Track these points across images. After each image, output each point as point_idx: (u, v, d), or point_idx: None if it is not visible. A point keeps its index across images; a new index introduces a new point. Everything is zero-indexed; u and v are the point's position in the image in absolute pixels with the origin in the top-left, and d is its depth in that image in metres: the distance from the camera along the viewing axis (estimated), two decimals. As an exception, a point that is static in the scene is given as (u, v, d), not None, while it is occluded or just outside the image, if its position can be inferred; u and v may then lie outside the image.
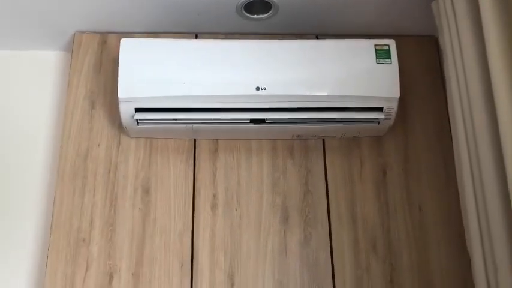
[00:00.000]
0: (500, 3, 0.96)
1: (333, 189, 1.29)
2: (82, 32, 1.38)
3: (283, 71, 1.20)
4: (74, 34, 1.38)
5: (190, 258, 1.22)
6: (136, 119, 1.20)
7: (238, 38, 1.35)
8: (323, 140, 1.33)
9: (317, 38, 1.40)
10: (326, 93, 1.20)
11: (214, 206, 1.27)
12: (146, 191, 1.27)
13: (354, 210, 1.27)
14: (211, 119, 1.21)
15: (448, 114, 1.30)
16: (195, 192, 1.28)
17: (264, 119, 1.22)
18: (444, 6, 1.13)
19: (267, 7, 1.29)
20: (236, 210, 1.26)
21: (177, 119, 1.21)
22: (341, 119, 1.22)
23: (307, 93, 1.20)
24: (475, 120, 1.01)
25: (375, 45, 1.22)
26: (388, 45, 1.22)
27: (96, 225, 1.24)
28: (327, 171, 1.31)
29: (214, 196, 1.27)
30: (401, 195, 1.29)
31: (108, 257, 1.22)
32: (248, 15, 1.32)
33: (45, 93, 1.41)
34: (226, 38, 1.38)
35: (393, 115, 1.24)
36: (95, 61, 1.36)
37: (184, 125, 1.24)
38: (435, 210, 1.28)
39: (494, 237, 0.94)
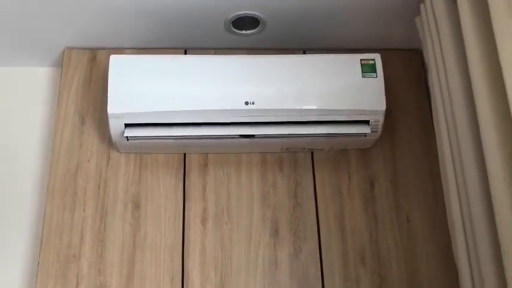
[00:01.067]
0: (480, 18, 0.98)
1: (322, 202, 1.30)
2: (72, 48, 1.38)
3: (271, 86, 1.21)
4: (64, 50, 1.38)
5: (181, 273, 1.22)
6: (126, 136, 1.20)
7: (227, 53, 1.32)
8: (312, 152, 1.34)
9: (304, 52, 1.41)
10: (314, 107, 1.21)
11: (204, 220, 1.27)
12: (136, 206, 1.27)
13: (343, 222, 1.28)
14: (200, 135, 1.21)
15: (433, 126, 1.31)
16: (185, 207, 1.28)
17: (253, 135, 1.22)
18: (427, 21, 1.15)
19: (255, 23, 1.31)
20: (226, 224, 1.27)
21: (166, 136, 1.21)
22: (328, 133, 1.23)
23: (296, 107, 1.21)
24: (459, 132, 1.02)
25: (361, 60, 1.23)
26: (374, 60, 1.24)
27: (86, 240, 1.23)
28: (316, 184, 1.31)
29: (204, 210, 1.27)
30: (389, 207, 1.30)
31: (99, 272, 1.21)
32: (236, 30, 1.33)
33: (35, 109, 1.41)
34: (215, 53, 1.39)
35: (380, 128, 1.25)
36: (85, 77, 1.37)
37: (173, 140, 1.24)
38: (423, 221, 1.29)
39: (480, 251, 0.94)
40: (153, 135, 1.20)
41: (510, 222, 0.86)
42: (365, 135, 1.26)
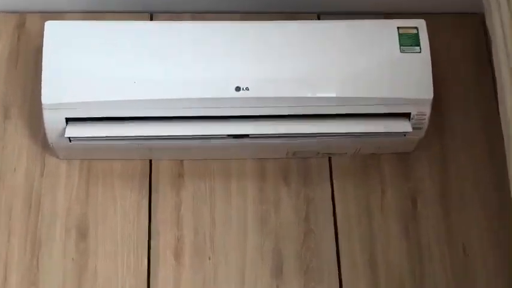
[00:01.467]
0: None
1: (344, 227, 1.30)
2: (-9, 12, 1.39)
3: (273, 65, 1.21)
4: (-20, 14, 1.38)
5: (146, 328, 1.23)
6: (68, 137, 1.20)
7: (211, 19, 1.35)
8: (329, 158, 1.34)
9: (319, 18, 1.42)
10: (332, 95, 1.22)
11: (178, 254, 1.26)
12: (82, 233, 1.26)
13: (374, 254, 1.28)
14: (172, 136, 1.21)
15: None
16: (152, 235, 1.27)
17: (247, 134, 1.23)
18: None
19: (249, -24, 1.32)
20: (210, 259, 1.26)
21: (124, 136, 1.21)
22: (352, 132, 1.24)
23: (306, 95, 1.21)
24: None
25: (398, 28, 1.24)
26: (417, 28, 1.24)
27: (11, 281, 1.22)
28: (336, 202, 1.32)
29: (179, 239, 1.27)
30: (439, 233, 1.30)
31: (29, 328, 1.21)
32: (223, -13, 1.33)
33: None
34: (193, 19, 1.39)
35: (425, 123, 1.25)
36: (10, 52, 1.36)
37: (135, 141, 1.23)
38: (484, 252, 1.29)
39: None
40: (105, 134, 1.20)
41: None
42: (404, 134, 1.26)
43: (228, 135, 1.22)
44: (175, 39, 1.22)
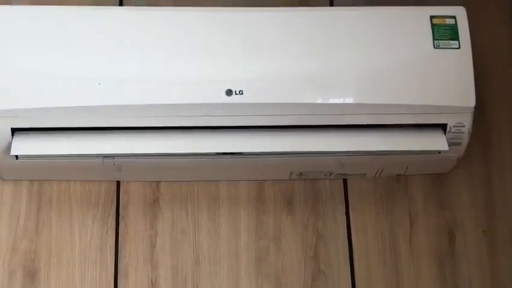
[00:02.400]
0: None
1: (363, 267, 1.30)
2: None
3: (273, 63, 1.21)
4: None
5: None
6: (16, 155, 1.20)
7: (195, 5, 1.32)
8: (344, 180, 1.35)
9: (331, 4, 1.44)
10: (349, 101, 1.22)
11: (153, 301, 1.22)
12: (31, 275, 1.26)
13: (400, 302, 1.28)
14: (145, 153, 1.21)
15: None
16: (119, 276, 1.27)
17: (240, 152, 1.23)
18: None
19: (245, -49, 1.30)
20: (193, 307, 1.23)
21: (86, 154, 1.20)
22: (373, 150, 1.24)
23: (316, 101, 1.21)
24: None
25: (431, 18, 1.24)
26: (454, 17, 1.24)
27: None
28: (352, 235, 1.31)
29: (153, 283, 1.27)
30: (482, 276, 1.30)
31: None
32: (212, -36, 1.30)
33: None
34: (174, 5, 1.40)
35: (465, 138, 1.24)
36: None
37: (99, 158, 1.23)
38: (539, 301, 1.26)
39: None
40: (62, 152, 1.20)
41: None
42: (439, 152, 1.25)
43: (217, 153, 1.23)
44: (151, 30, 1.22)
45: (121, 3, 1.41)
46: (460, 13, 1.24)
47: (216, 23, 1.23)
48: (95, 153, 1.20)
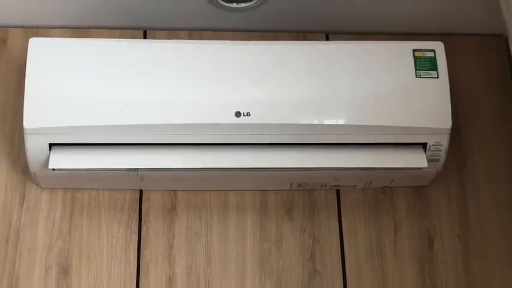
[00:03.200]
0: None
1: (353, 268, 1.30)
2: (-30, 27, 1.39)
3: (276, 89, 1.22)
4: (-44, 30, 1.38)
5: None
6: (53, 168, 1.20)
7: (209, 38, 1.38)
8: (338, 191, 1.35)
9: (327, 38, 1.43)
10: (340, 122, 1.22)
11: (170, 295, 1.24)
12: (64, 271, 1.26)
13: (386, 299, 1.29)
14: (164, 168, 1.22)
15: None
16: (141, 273, 1.27)
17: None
18: None
19: (252, -8, 1.33)
20: (205, 300, 1.24)
21: (113, 168, 1.21)
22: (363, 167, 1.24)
23: (313, 122, 1.22)
24: None
25: (414, 51, 1.25)
26: (434, 51, 1.25)
27: None
28: (344, 240, 1.32)
29: (171, 279, 1.27)
30: (457, 278, 1.30)
31: None
32: (224, 3, 1.34)
33: None
34: (190, 37, 1.41)
35: (442, 155, 1.25)
36: (-11, 70, 1.37)
37: (125, 171, 1.24)
38: (511, 299, 1.28)
39: None
40: (93, 166, 1.21)
41: None
42: (420, 168, 1.26)
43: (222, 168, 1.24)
44: (171, 59, 1.23)
45: (145, 37, 1.42)
46: (438, 47, 1.25)
47: (227, 55, 1.24)
48: (121, 167, 1.21)
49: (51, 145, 1.19)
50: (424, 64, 1.24)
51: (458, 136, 1.35)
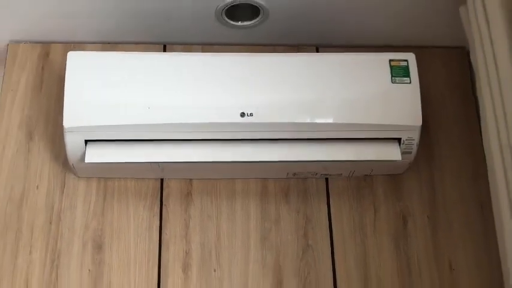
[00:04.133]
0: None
1: (339, 243, 1.31)
2: (18, 42, 1.40)
3: (275, 93, 1.23)
4: (8, 45, 1.40)
5: (155, 335, 1.23)
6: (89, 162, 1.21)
7: (218, 51, 1.39)
8: (326, 179, 1.35)
9: (317, 50, 1.44)
10: (329, 121, 1.23)
11: (186, 267, 1.27)
12: (98, 246, 1.27)
13: (367, 269, 1.29)
14: (181, 161, 1.22)
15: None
16: (162, 248, 1.28)
17: None
18: (475, 11, 1.15)
19: (254, 12, 1.32)
20: (215, 271, 1.27)
21: (138, 162, 1.22)
22: (348, 160, 1.24)
23: (306, 121, 1.22)
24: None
25: (390, 61, 1.25)
26: (407, 61, 1.26)
27: None
28: (332, 220, 1.32)
29: (187, 253, 1.28)
30: (427, 250, 1.31)
31: (49, 334, 1.22)
32: (231, 21, 1.34)
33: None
34: (202, 50, 1.41)
35: (414, 148, 1.26)
36: (34, 79, 1.38)
37: (148, 163, 1.25)
38: (470, 268, 1.29)
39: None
40: (122, 160, 1.21)
41: None
42: (395, 160, 1.26)
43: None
44: (186, 69, 1.23)
45: (164, 50, 1.41)
46: (410, 58, 1.26)
47: (233, 65, 1.24)
48: (145, 161, 1.22)
49: (86, 141, 1.21)
50: (399, 72, 1.25)
51: (427, 132, 1.35)
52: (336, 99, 1.23)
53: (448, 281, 1.29)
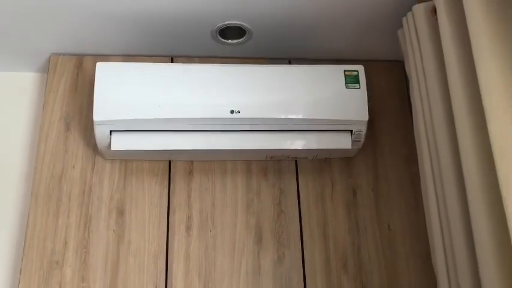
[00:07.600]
0: (459, 31, 1.00)
1: (305, 210, 1.31)
2: (58, 55, 1.38)
3: (257, 95, 1.22)
4: (50, 56, 1.38)
5: (164, 280, 1.22)
6: (114, 149, 1.20)
7: (213, 62, 1.36)
8: (296, 161, 1.35)
9: (290, 62, 1.43)
10: (299, 117, 1.22)
11: (189, 228, 1.27)
12: (121, 212, 1.27)
13: (326, 230, 1.29)
14: (185, 149, 1.20)
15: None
16: (170, 214, 1.28)
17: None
18: (409, 34, 1.17)
19: (241, 32, 1.32)
20: (211, 231, 1.27)
21: (152, 149, 1.21)
22: (311, 148, 1.24)
23: (281, 116, 1.21)
24: (438, 140, 1.04)
25: (345, 71, 1.25)
26: (357, 71, 1.26)
27: (70, 247, 1.22)
28: (300, 192, 1.32)
29: (189, 217, 1.28)
30: (371, 215, 1.31)
31: (82, 279, 1.20)
32: (223, 40, 1.33)
33: (20, 115, 1.40)
34: (201, 61, 1.40)
35: (362, 138, 1.26)
36: (71, 83, 1.37)
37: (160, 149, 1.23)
38: (404, 229, 1.30)
39: (457, 258, 0.96)
40: (140, 148, 1.20)
41: (487, 230, 0.88)
42: (348, 148, 1.26)
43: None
44: (189, 76, 1.22)
45: (172, 61, 1.39)
46: (360, 69, 1.26)
47: (225, 73, 1.23)
48: (157, 148, 1.21)
49: (111, 131, 1.20)
50: (351, 79, 1.24)
51: (372, 126, 1.35)
52: (303, 100, 1.23)
53: (387, 238, 1.30)
